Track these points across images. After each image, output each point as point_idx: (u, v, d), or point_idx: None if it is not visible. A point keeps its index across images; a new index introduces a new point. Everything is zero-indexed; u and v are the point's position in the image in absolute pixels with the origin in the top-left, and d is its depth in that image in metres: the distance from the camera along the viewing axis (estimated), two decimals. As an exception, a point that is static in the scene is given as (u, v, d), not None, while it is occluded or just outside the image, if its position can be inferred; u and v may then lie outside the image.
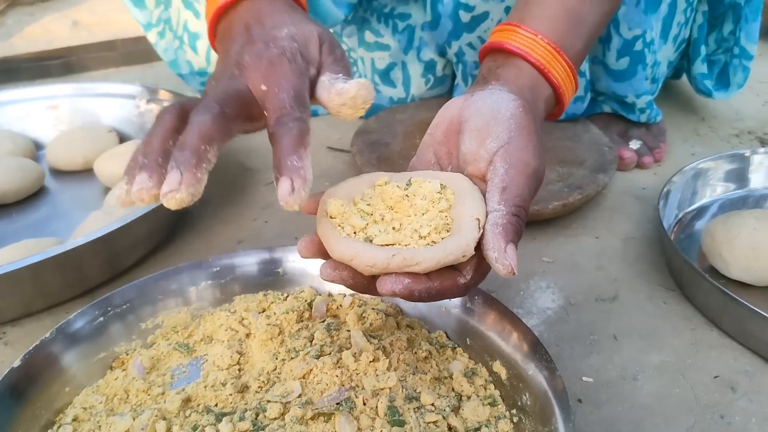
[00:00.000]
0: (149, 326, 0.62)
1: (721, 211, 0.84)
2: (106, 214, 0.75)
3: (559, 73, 0.55)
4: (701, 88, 1.02)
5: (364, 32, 1.01)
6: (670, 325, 0.67)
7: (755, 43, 0.96)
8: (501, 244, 0.42)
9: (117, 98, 1.02)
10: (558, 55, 0.54)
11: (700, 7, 0.96)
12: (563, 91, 0.56)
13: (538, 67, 0.54)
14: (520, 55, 0.54)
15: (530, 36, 0.54)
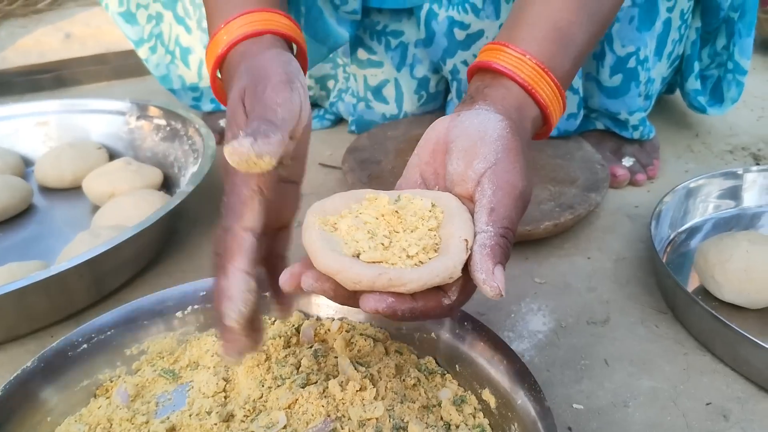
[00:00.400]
0: (134, 352, 0.61)
1: (714, 230, 0.83)
2: (92, 236, 0.74)
3: (546, 93, 0.54)
4: (695, 104, 1.02)
5: (357, 49, 1.01)
6: (662, 349, 0.66)
7: (749, 59, 0.96)
8: (489, 266, 0.42)
9: (106, 114, 1.01)
10: (545, 75, 0.54)
11: (693, 24, 0.96)
12: (551, 111, 0.55)
13: (525, 87, 0.53)
14: (507, 75, 0.53)
15: (518, 55, 0.54)
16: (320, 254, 0.42)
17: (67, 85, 1.33)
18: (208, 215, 0.89)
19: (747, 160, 1.05)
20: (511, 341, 0.67)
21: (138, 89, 1.33)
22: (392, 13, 0.96)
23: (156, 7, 1.01)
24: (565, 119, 0.95)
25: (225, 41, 0.55)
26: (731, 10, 0.92)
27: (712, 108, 1.02)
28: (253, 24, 0.56)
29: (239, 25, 0.56)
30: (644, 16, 0.87)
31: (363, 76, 1.02)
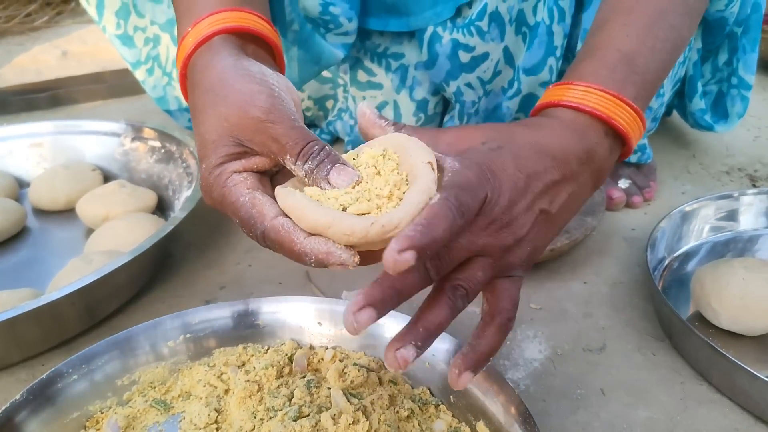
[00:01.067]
0: (125, 383, 0.61)
1: (710, 254, 0.83)
2: (85, 262, 0.73)
3: (620, 115, 0.52)
4: (702, 123, 1.02)
5: (357, 71, 1.00)
6: (659, 378, 0.65)
7: (753, 74, 0.96)
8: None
9: (101, 136, 1.01)
10: (615, 99, 0.52)
11: (694, 45, 0.96)
12: (626, 129, 0.52)
13: (592, 113, 0.51)
14: (573, 107, 0.52)
15: (584, 89, 0.52)
16: (309, 210, 0.40)
17: (62, 104, 1.33)
18: (202, 238, 0.88)
19: (743, 182, 1.04)
20: (507, 370, 0.66)
21: (134, 108, 1.32)
22: (393, 36, 0.96)
23: (153, 29, 1.00)
24: None
25: (192, 43, 0.53)
26: (735, 25, 0.92)
27: (718, 125, 1.02)
28: (222, 22, 0.53)
29: (206, 25, 0.53)
30: None
31: (362, 97, 1.02)
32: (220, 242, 0.88)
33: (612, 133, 0.52)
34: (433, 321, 0.43)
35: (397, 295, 0.40)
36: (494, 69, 0.93)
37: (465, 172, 0.43)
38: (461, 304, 0.44)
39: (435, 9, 0.88)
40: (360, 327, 0.38)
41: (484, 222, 0.44)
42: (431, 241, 0.37)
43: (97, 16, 0.97)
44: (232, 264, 0.83)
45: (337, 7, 0.87)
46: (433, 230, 0.38)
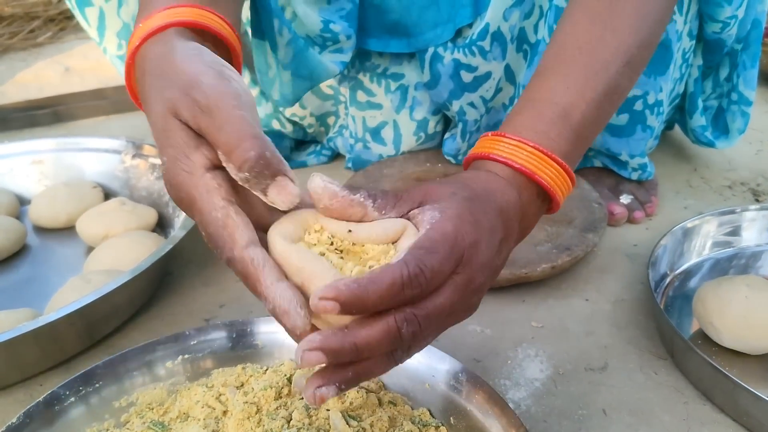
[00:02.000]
0: (123, 404, 0.60)
1: (712, 271, 0.82)
2: (84, 281, 0.73)
3: (547, 174, 0.51)
4: (702, 139, 1.02)
5: (356, 92, 1.00)
6: (662, 398, 0.65)
7: (754, 90, 0.96)
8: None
9: (102, 153, 1.00)
10: (545, 157, 0.51)
11: (695, 62, 0.96)
12: (554, 190, 0.52)
13: (523, 172, 0.50)
14: (503, 163, 0.51)
15: (515, 143, 0.51)
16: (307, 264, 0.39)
17: (64, 120, 1.33)
18: (201, 256, 0.88)
19: (746, 196, 1.04)
20: (508, 390, 0.66)
21: (136, 124, 1.33)
22: (393, 56, 0.96)
23: (153, 49, 1.01)
24: None
25: (140, 34, 0.51)
26: (735, 42, 0.92)
27: (719, 141, 1.02)
28: (175, 16, 0.51)
29: (159, 19, 0.51)
30: (654, 61, 0.86)
31: (362, 117, 1.02)
32: (219, 259, 0.88)
33: (542, 192, 0.52)
34: (366, 370, 0.40)
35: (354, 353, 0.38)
36: (496, 87, 0.93)
37: (442, 224, 0.41)
38: (399, 355, 0.42)
39: (435, 31, 0.89)
40: (309, 364, 0.37)
41: (462, 281, 0.42)
42: (360, 303, 0.36)
43: (98, 37, 0.98)
44: (232, 281, 0.83)
45: (337, 25, 0.87)
46: (367, 292, 0.36)
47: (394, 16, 0.89)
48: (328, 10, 0.87)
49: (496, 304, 0.78)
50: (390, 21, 0.89)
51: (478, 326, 0.75)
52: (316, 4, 0.87)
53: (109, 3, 0.93)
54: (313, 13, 0.86)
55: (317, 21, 0.87)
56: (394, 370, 0.61)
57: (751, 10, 0.89)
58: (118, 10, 0.95)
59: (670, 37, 0.85)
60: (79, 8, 0.94)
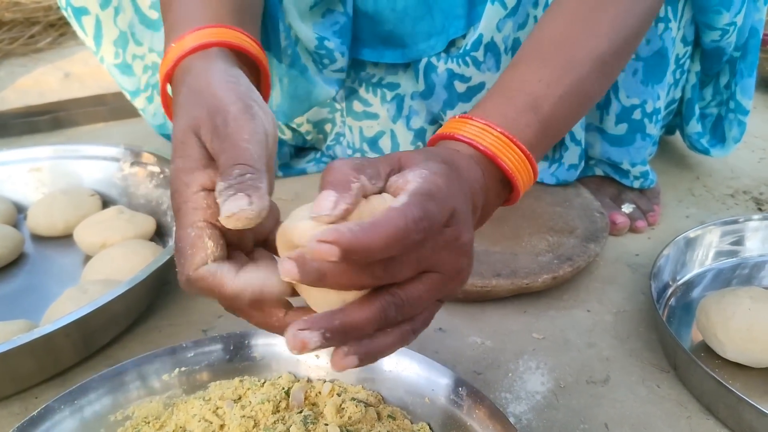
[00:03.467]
0: (119, 418, 0.59)
1: (715, 281, 0.82)
2: (80, 292, 0.72)
3: (511, 160, 0.51)
4: (698, 146, 1.01)
5: (353, 102, 1.00)
6: (664, 412, 0.64)
7: (750, 99, 0.95)
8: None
9: (100, 160, 1.00)
10: (511, 144, 0.51)
11: (692, 68, 0.95)
12: (516, 177, 0.52)
13: (487, 154, 0.50)
14: (468, 143, 0.51)
15: (482, 126, 0.51)
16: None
17: (64, 126, 1.32)
18: (201, 265, 0.87)
19: (749, 204, 1.03)
20: (509, 403, 0.65)
21: (136, 130, 1.32)
22: (388, 66, 0.95)
23: (152, 57, 1.00)
24: (566, 170, 0.94)
25: (173, 57, 0.53)
26: (734, 50, 0.92)
27: (715, 149, 1.01)
28: (203, 38, 0.53)
29: (189, 41, 0.53)
30: (650, 69, 0.86)
31: (359, 127, 1.02)
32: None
33: (504, 178, 0.52)
34: (355, 319, 0.37)
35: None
36: None
37: (435, 179, 0.40)
38: (392, 314, 0.39)
39: (429, 42, 0.88)
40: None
41: (452, 234, 0.40)
42: (363, 248, 0.34)
43: (95, 47, 0.97)
44: (231, 292, 0.82)
45: (331, 42, 0.87)
46: (371, 236, 0.34)
47: (388, 26, 0.88)
48: (322, 24, 0.87)
49: (497, 315, 0.77)
50: (384, 31, 0.89)
51: (478, 338, 0.74)
52: (311, 19, 0.86)
53: (105, 11, 0.93)
54: (309, 30, 0.87)
55: (312, 38, 0.87)
56: (393, 382, 0.61)
57: (748, 18, 0.88)
58: (114, 18, 0.94)
59: (666, 45, 0.84)
60: (75, 17, 0.93)
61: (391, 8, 0.85)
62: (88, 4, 0.93)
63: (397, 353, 0.61)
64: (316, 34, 0.87)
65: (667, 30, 0.83)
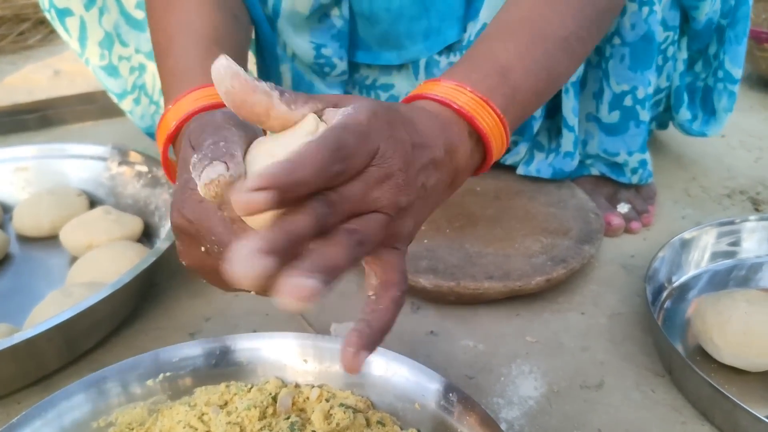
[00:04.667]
0: (102, 425, 0.58)
1: (711, 283, 0.80)
2: (64, 295, 0.71)
3: (486, 121, 0.51)
4: (692, 132, 1.00)
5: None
6: (659, 417, 0.63)
7: (740, 68, 0.92)
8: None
9: (87, 160, 0.98)
10: (486, 105, 0.51)
11: (679, 56, 0.94)
12: (490, 138, 0.51)
13: (462, 113, 0.50)
14: (442, 102, 0.50)
15: (454, 86, 0.51)
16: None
17: (52, 125, 1.31)
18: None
19: (745, 205, 1.02)
20: (501, 408, 0.64)
21: (125, 129, 1.30)
22: (382, 68, 0.94)
23: (138, 58, 0.99)
24: (561, 158, 0.93)
25: (173, 119, 0.53)
26: (721, 17, 0.90)
27: (707, 127, 0.99)
28: (207, 98, 0.53)
29: (189, 102, 0.53)
30: (637, 55, 0.85)
31: None
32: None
33: (475, 136, 0.51)
34: (330, 257, 0.35)
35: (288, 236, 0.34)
36: None
37: (356, 115, 0.39)
38: (357, 251, 0.37)
39: (426, 43, 0.87)
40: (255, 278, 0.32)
41: (380, 174, 0.39)
42: (294, 183, 0.33)
43: (80, 48, 0.96)
44: (218, 293, 0.81)
45: (328, 49, 0.86)
46: (297, 169, 0.34)
47: (384, 27, 0.87)
48: (320, 30, 0.86)
49: (490, 317, 0.76)
50: (379, 33, 0.88)
51: (471, 341, 0.73)
52: (307, 28, 0.85)
53: (90, 12, 0.91)
54: (304, 42, 0.86)
55: (309, 49, 0.86)
56: (382, 387, 0.60)
57: None
58: (99, 18, 0.93)
59: (653, 29, 0.83)
60: (59, 18, 0.92)
61: (386, 8, 0.84)
62: (71, 5, 0.91)
63: (386, 357, 0.60)
64: (313, 43, 0.86)
65: (651, 14, 0.82)
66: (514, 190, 0.94)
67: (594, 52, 0.90)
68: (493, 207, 0.89)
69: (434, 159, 0.45)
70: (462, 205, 0.90)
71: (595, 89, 0.92)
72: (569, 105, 0.88)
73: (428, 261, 0.77)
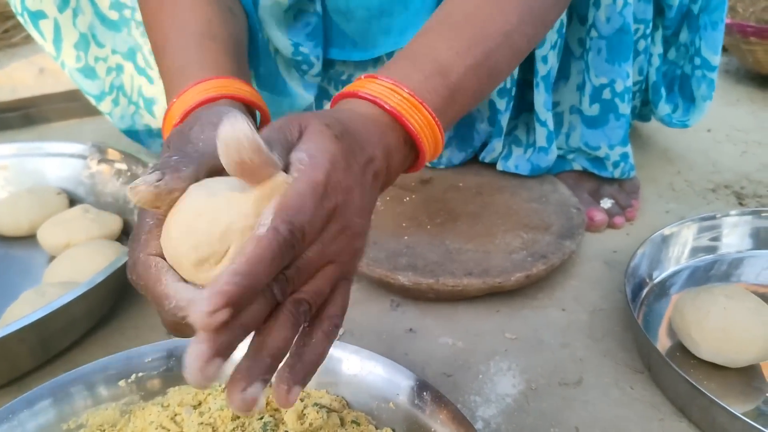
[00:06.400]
0: (72, 426, 0.57)
1: (692, 278, 0.80)
2: (38, 295, 0.70)
3: (417, 121, 0.50)
4: (673, 124, 0.99)
5: (322, 101, 0.98)
6: (637, 414, 0.62)
7: (717, 54, 0.91)
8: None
9: (67, 158, 0.97)
10: (420, 106, 0.50)
11: (654, 50, 0.93)
12: (422, 139, 0.50)
13: (392, 114, 0.49)
14: (373, 101, 0.49)
15: (389, 85, 0.50)
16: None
17: (35, 123, 1.30)
18: (168, 265, 0.85)
19: (729, 199, 1.02)
20: (478, 406, 0.63)
21: (109, 127, 1.28)
22: (357, 63, 0.93)
23: (115, 59, 0.98)
24: (536, 152, 0.92)
25: (179, 113, 0.53)
26: (691, 2, 0.90)
27: (687, 116, 0.98)
28: (207, 91, 0.54)
29: (192, 95, 0.54)
30: (614, 48, 0.84)
31: None
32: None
33: (409, 141, 0.51)
34: (278, 346, 0.37)
35: (243, 331, 0.35)
36: None
37: (313, 174, 0.38)
38: (304, 319, 0.39)
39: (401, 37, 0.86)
40: (210, 381, 0.33)
41: (337, 229, 0.40)
42: (249, 288, 0.33)
43: (55, 51, 0.95)
44: (197, 293, 0.80)
45: (305, 47, 0.86)
46: (251, 278, 0.34)
47: (360, 23, 0.86)
48: (296, 28, 0.85)
49: (469, 314, 0.76)
50: (355, 29, 0.87)
51: (450, 338, 0.72)
52: (285, 22, 0.84)
53: (64, 14, 0.90)
54: (284, 37, 0.85)
55: (288, 45, 0.86)
56: (357, 386, 0.59)
57: None
58: (73, 20, 0.92)
59: (628, 21, 0.82)
60: (32, 22, 0.91)
61: (365, 6, 0.83)
62: (44, 8, 0.90)
63: (361, 356, 0.59)
64: (291, 40, 0.85)
65: (626, 5, 0.81)
66: (497, 186, 0.93)
67: (577, 43, 0.90)
68: (474, 203, 0.89)
69: (377, 172, 0.45)
70: (443, 201, 0.89)
71: (578, 81, 0.91)
72: (540, 100, 0.87)
73: (408, 258, 0.77)
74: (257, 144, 0.34)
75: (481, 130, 0.96)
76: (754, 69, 1.46)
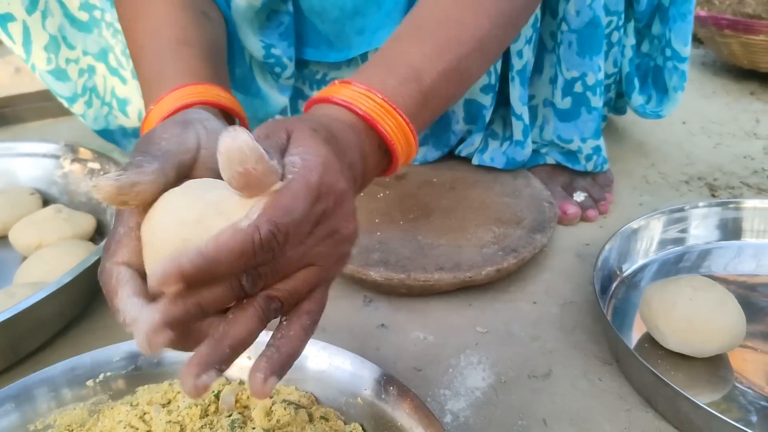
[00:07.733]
0: (39, 427, 0.57)
1: (660, 271, 0.81)
2: (7, 296, 0.70)
3: (390, 125, 0.50)
4: (647, 115, 1.00)
5: (297, 101, 0.98)
6: (604, 405, 0.63)
7: (686, 45, 0.92)
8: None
9: (40, 158, 0.97)
10: (392, 110, 0.51)
11: (627, 42, 0.94)
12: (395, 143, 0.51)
13: (365, 119, 0.49)
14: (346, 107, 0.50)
15: (362, 91, 0.50)
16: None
17: (9, 123, 1.29)
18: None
19: (702, 191, 1.02)
20: (447, 400, 0.64)
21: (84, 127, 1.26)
22: (331, 63, 0.93)
23: (87, 60, 0.97)
24: (513, 145, 0.93)
25: (155, 120, 0.53)
26: None
27: (661, 107, 0.99)
28: (183, 98, 0.54)
29: (169, 102, 0.54)
30: (584, 41, 0.85)
31: None
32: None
33: (383, 146, 0.51)
34: (241, 337, 0.37)
35: (199, 310, 0.36)
36: None
37: (307, 175, 0.38)
38: (274, 316, 0.39)
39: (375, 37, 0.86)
40: (155, 349, 0.33)
41: (325, 232, 0.40)
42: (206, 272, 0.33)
43: (25, 54, 0.94)
44: (170, 291, 0.80)
45: (277, 49, 0.85)
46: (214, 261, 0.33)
47: (334, 24, 0.86)
48: (268, 28, 0.85)
49: (441, 309, 0.76)
50: (329, 29, 0.87)
51: (421, 333, 0.72)
52: (257, 23, 0.84)
53: (32, 16, 0.90)
54: (256, 40, 0.85)
55: (259, 47, 0.85)
56: (326, 382, 0.60)
57: None
58: (42, 22, 0.91)
59: (598, 13, 0.83)
60: (0, 24, 0.90)
61: (340, 6, 0.83)
62: (12, 10, 0.89)
63: (329, 352, 0.60)
64: (263, 42, 0.85)
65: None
66: (470, 180, 0.94)
67: (549, 36, 0.90)
68: (447, 198, 0.89)
69: (355, 176, 0.46)
70: (417, 196, 0.89)
71: (551, 74, 0.92)
72: (516, 94, 0.88)
73: (380, 253, 0.77)
74: (260, 153, 0.34)
75: (458, 131, 0.96)
76: (730, 61, 1.48)
